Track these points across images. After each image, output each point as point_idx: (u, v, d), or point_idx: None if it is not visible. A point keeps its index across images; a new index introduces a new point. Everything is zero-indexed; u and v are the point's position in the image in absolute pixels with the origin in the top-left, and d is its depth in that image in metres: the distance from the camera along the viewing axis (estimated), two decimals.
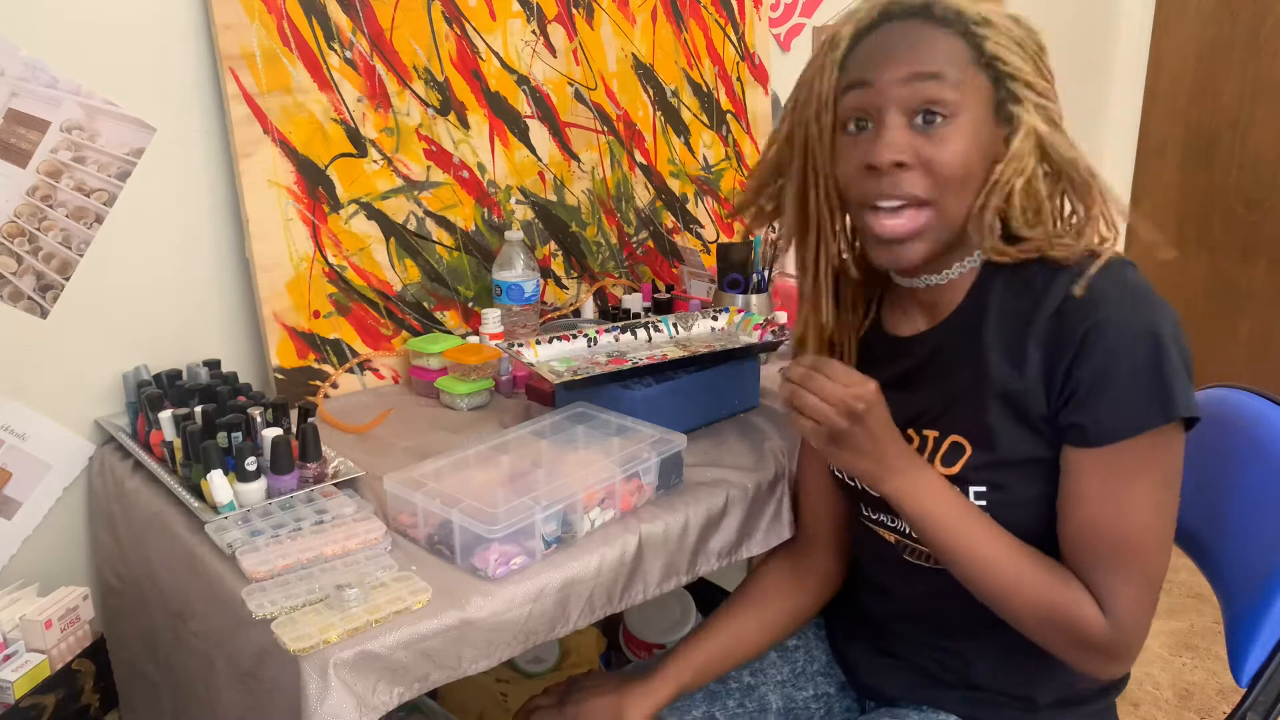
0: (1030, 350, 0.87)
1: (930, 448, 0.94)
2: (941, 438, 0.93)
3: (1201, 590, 2.27)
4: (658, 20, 1.72)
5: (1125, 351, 0.82)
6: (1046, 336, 0.86)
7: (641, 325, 1.37)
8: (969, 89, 0.84)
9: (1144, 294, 0.84)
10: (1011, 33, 0.85)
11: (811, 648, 1.15)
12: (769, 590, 1.11)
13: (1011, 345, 0.88)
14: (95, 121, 1.24)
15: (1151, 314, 0.83)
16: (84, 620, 1.16)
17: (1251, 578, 1.02)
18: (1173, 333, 0.83)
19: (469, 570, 0.94)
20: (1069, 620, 0.86)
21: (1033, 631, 0.89)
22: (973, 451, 0.91)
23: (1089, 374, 0.83)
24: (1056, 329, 0.85)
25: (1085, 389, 0.83)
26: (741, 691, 1.09)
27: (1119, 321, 0.82)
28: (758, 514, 1.13)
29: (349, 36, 1.40)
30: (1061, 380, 0.85)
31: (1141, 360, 0.81)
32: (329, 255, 1.41)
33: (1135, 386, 0.82)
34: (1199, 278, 2.75)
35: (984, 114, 0.85)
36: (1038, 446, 0.88)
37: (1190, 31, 2.65)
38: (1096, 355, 0.82)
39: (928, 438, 0.95)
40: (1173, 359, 0.82)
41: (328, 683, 0.80)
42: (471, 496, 0.95)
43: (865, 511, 1.02)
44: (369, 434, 1.28)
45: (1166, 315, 0.83)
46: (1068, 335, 0.84)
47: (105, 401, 1.32)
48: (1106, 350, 0.82)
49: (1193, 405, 0.83)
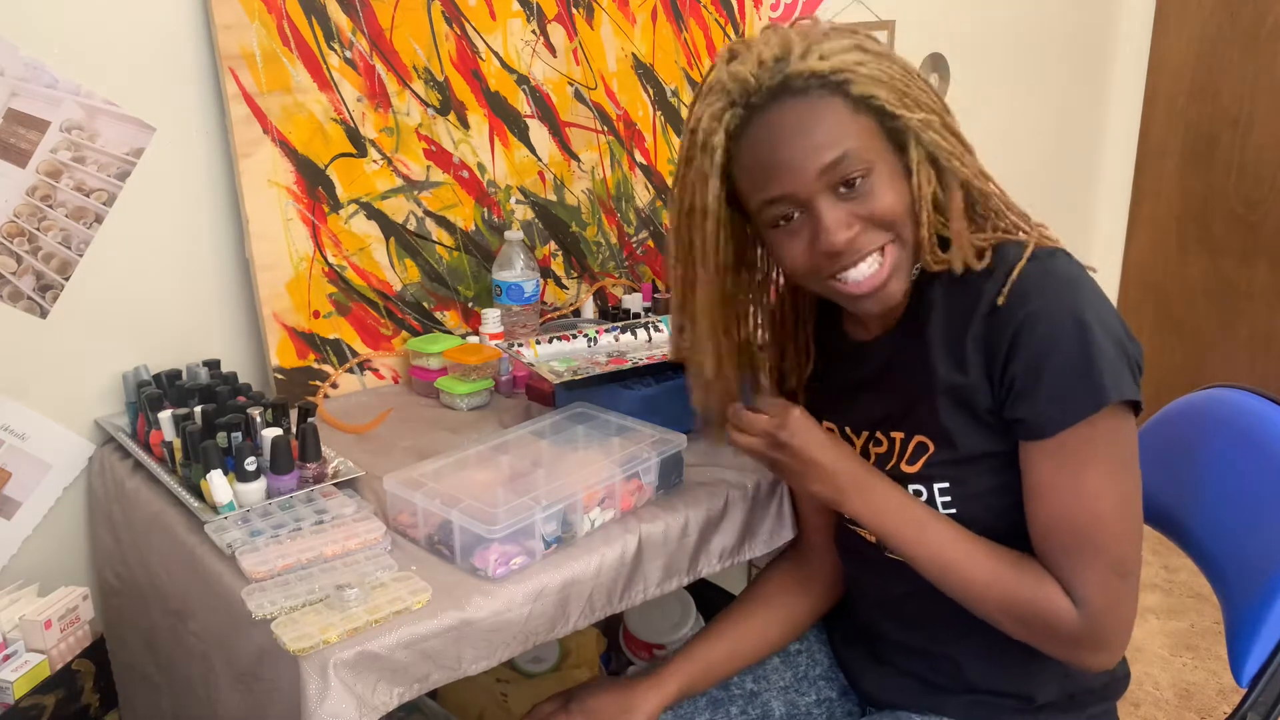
0: (970, 349, 0.89)
1: (897, 449, 0.96)
2: (907, 439, 0.95)
3: (1202, 590, 2.27)
4: (658, 20, 1.72)
5: (1054, 342, 0.83)
6: (984, 334, 0.88)
7: (641, 325, 1.37)
8: (866, 139, 0.85)
9: (1069, 282, 0.85)
10: (864, 68, 0.85)
11: (814, 652, 1.15)
12: (773, 594, 1.12)
13: (954, 345, 0.90)
14: (95, 121, 1.24)
15: (1076, 301, 0.84)
16: (84, 620, 1.16)
17: (1252, 578, 1.02)
18: (1100, 318, 0.83)
19: (469, 570, 0.94)
20: (1040, 614, 0.87)
21: (1009, 628, 0.90)
22: (934, 449, 0.93)
23: (1023, 368, 0.84)
24: (992, 327, 0.87)
25: (1021, 383, 0.85)
26: (745, 698, 1.09)
27: (1045, 313, 0.84)
28: (759, 514, 1.13)
29: (349, 36, 1.39)
30: (1000, 375, 0.86)
31: (1070, 349, 0.83)
32: (329, 255, 1.41)
33: (1066, 376, 0.83)
34: (1199, 278, 2.74)
35: (885, 147, 0.86)
36: (991, 441, 0.90)
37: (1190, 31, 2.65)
38: (1029, 349, 0.84)
39: (895, 439, 0.96)
40: (1101, 344, 0.82)
41: (327, 683, 0.80)
42: (471, 496, 0.95)
43: (845, 518, 1.03)
44: (369, 434, 1.28)
45: (1092, 301, 0.84)
46: (1002, 331, 0.86)
47: (105, 401, 1.32)
48: (1037, 342, 0.84)
49: (1125, 388, 0.83)
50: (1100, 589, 0.85)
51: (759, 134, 0.85)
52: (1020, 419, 0.86)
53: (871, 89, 0.84)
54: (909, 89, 0.86)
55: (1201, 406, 1.16)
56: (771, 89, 0.85)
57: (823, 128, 0.84)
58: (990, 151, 0.99)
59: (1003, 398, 0.87)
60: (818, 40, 0.85)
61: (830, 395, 1.04)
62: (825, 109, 0.84)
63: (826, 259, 0.87)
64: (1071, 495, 0.85)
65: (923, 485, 0.93)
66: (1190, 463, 1.14)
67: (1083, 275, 0.86)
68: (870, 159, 0.85)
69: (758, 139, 0.86)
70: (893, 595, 1.03)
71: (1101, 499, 0.85)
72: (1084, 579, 0.85)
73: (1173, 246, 2.80)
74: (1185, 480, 1.14)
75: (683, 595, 1.72)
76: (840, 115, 0.84)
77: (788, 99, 0.84)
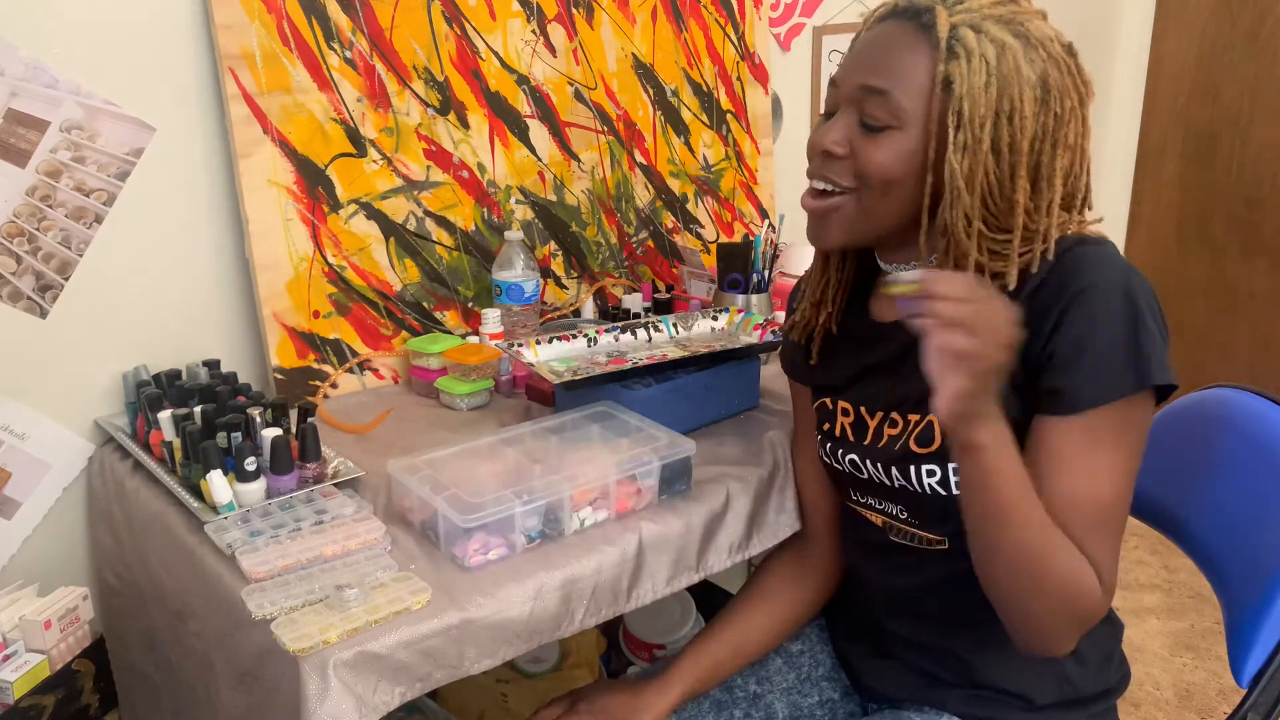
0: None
1: (910, 428, 0.96)
2: (921, 419, 0.95)
3: (1202, 590, 2.27)
4: (658, 20, 1.72)
5: (1104, 318, 0.83)
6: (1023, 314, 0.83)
7: (641, 325, 1.37)
8: (919, 106, 0.85)
9: (1123, 265, 0.85)
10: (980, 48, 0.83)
11: (816, 652, 1.15)
12: (773, 587, 1.13)
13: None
14: (95, 121, 1.24)
15: (1130, 282, 0.84)
16: (84, 620, 1.16)
17: (1252, 578, 1.02)
18: (1149, 302, 0.84)
19: (449, 558, 0.95)
20: (1080, 592, 0.84)
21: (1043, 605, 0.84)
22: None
23: (1069, 339, 0.84)
24: (1035, 304, 0.86)
25: (1064, 354, 0.84)
26: (748, 700, 1.09)
27: (1100, 289, 0.83)
28: (763, 506, 1.13)
29: (349, 36, 1.39)
30: (1041, 346, 0.85)
31: (1120, 327, 0.83)
32: (329, 255, 1.41)
33: (1113, 353, 0.83)
34: (1199, 278, 2.74)
35: (939, 128, 0.86)
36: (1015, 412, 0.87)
37: (1190, 31, 2.65)
38: (1078, 322, 0.83)
39: (910, 420, 0.96)
40: (1149, 327, 0.83)
41: (327, 683, 0.80)
42: (462, 487, 0.96)
43: (854, 495, 1.04)
44: (369, 434, 1.28)
45: (1144, 285, 0.85)
46: (1050, 304, 0.85)
47: (105, 401, 1.32)
48: (1087, 317, 0.83)
49: (1168, 373, 0.83)
50: (1112, 564, 0.86)
51: (865, 36, 0.91)
52: (1056, 389, 0.84)
53: (960, 76, 0.83)
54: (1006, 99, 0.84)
55: (1201, 406, 1.16)
56: (904, 8, 0.88)
57: (893, 60, 0.87)
58: None
59: (1037, 368, 0.86)
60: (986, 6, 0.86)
61: (846, 376, 1.03)
62: (910, 49, 0.86)
63: (813, 155, 0.93)
64: (1096, 472, 0.84)
65: (938, 465, 0.93)
66: (1190, 463, 1.14)
67: (1131, 264, 0.86)
68: (905, 119, 0.86)
69: (861, 40, 0.92)
70: (896, 587, 1.03)
71: (1120, 478, 0.85)
72: (1103, 554, 0.85)
73: (1173, 246, 2.80)
74: (1185, 480, 1.14)
75: (683, 595, 1.72)
76: (916, 66, 0.86)
77: (905, 21, 0.88)
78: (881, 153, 0.87)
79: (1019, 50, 0.84)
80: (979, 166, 0.85)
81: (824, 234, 0.94)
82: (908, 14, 0.88)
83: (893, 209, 0.90)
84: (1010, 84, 0.84)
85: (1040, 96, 0.85)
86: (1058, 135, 0.86)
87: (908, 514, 0.99)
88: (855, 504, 1.05)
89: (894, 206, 0.90)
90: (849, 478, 1.03)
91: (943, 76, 0.85)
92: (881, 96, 0.86)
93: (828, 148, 0.90)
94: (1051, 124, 0.86)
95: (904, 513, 0.99)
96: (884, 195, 0.89)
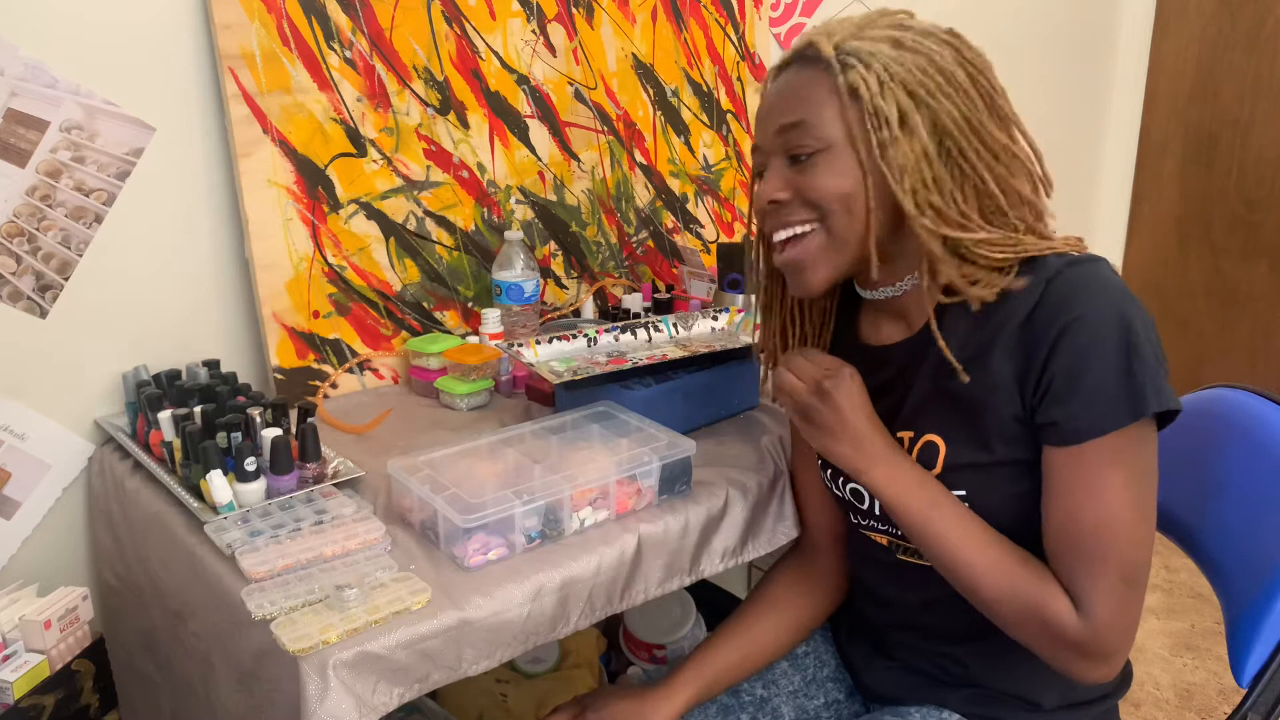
0: (999, 357, 0.88)
1: (905, 449, 0.95)
2: (916, 438, 0.95)
3: (1202, 590, 2.27)
4: (658, 20, 1.72)
5: (1097, 348, 0.82)
6: (1018, 342, 0.87)
7: (641, 325, 1.37)
8: (836, 122, 0.88)
9: (1115, 291, 0.84)
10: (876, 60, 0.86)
11: (820, 654, 1.15)
12: (780, 596, 1.13)
13: (982, 351, 0.89)
14: (95, 121, 1.24)
15: (1124, 310, 0.83)
16: (83, 620, 1.16)
17: (1252, 578, 1.02)
18: (1143, 328, 0.83)
19: (449, 558, 0.95)
20: (1040, 613, 0.85)
21: (1009, 624, 0.89)
22: (947, 452, 0.92)
23: (1062, 371, 0.83)
24: (1029, 333, 0.86)
25: (1058, 386, 0.84)
26: (755, 705, 1.10)
27: (1092, 318, 0.83)
28: (761, 513, 1.13)
29: (349, 36, 1.39)
30: (1036, 379, 0.85)
31: (1113, 357, 0.82)
32: (329, 255, 1.41)
33: (1106, 384, 0.82)
34: (1199, 278, 2.74)
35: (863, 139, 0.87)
36: (1013, 449, 0.89)
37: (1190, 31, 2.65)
38: (1070, 352, 0.83)
39: (903, 439, 0.96)
40: (1145, 355, 0.82)
41: (327, 683, 0.80)
42: (461, 486, 0.96)
43: (856, 520, 1.04)
44: (369, 434, 1.28)
45: (1138, 311, 0.84)
46: (1041, 335, 0.85)
47: (105, 401, 1.32)
48: (1080, 347, 0.83)
49: (1165, 399, 0.83)
50: (1106, 596, 0.84)
51: (768, 90, 0.96)
52: (1053, 422, 0.84)
53: (860, 81, 0.86)
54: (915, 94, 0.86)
55: (1202, 406, 1.16)
56: (791, 56, 0.93)
57: (797, 96, 0.90)
58: None
59: (1035, 402, 0.86)
60: (858, 26, 0.90)
61: None
62: (810, 82, 0.90)
63: (761, 214, 0.95)
64: (1087, 502, 0.84)
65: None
66: (1190, 463, 1.14)
67: (1125, 285, 0.85)
68: (829, 140, 0.88)
69: (765, 93, 0.96)
70: (902, 602, 1.03)
71: (1118, 509, 0.84)
72: (1092, 585, 0.84)
73: (1173, 246, 2.80)
74: (1185, 480, 1.13)
75: (682, 595, 1.72)
76: (819, 91, 0.89)
77: (793, 66, 0.93)
78: (820, 175, 0.89)
79: (905, 42, 0.88)
80: (913, 159, 0.86)
81: (806, 278, 0.93)
82: (793, 61, 0.93)
83: (859, 230, 0.89)
84: (909, 72, 0.87)
85: (940, 76, 0.87)
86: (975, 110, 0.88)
87: None
88: (860, 527, 1.04)
89: (860, 227, 0.89)
90: (848, 506, 1.03)
91: (846, 87, 0.87)
92: (799, 128, 0.89)
93: (773, 197, 0.92)
94: (963, 102, 0.87)
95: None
96: (847, 214, 0.89)
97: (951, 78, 0.87)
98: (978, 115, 0.88)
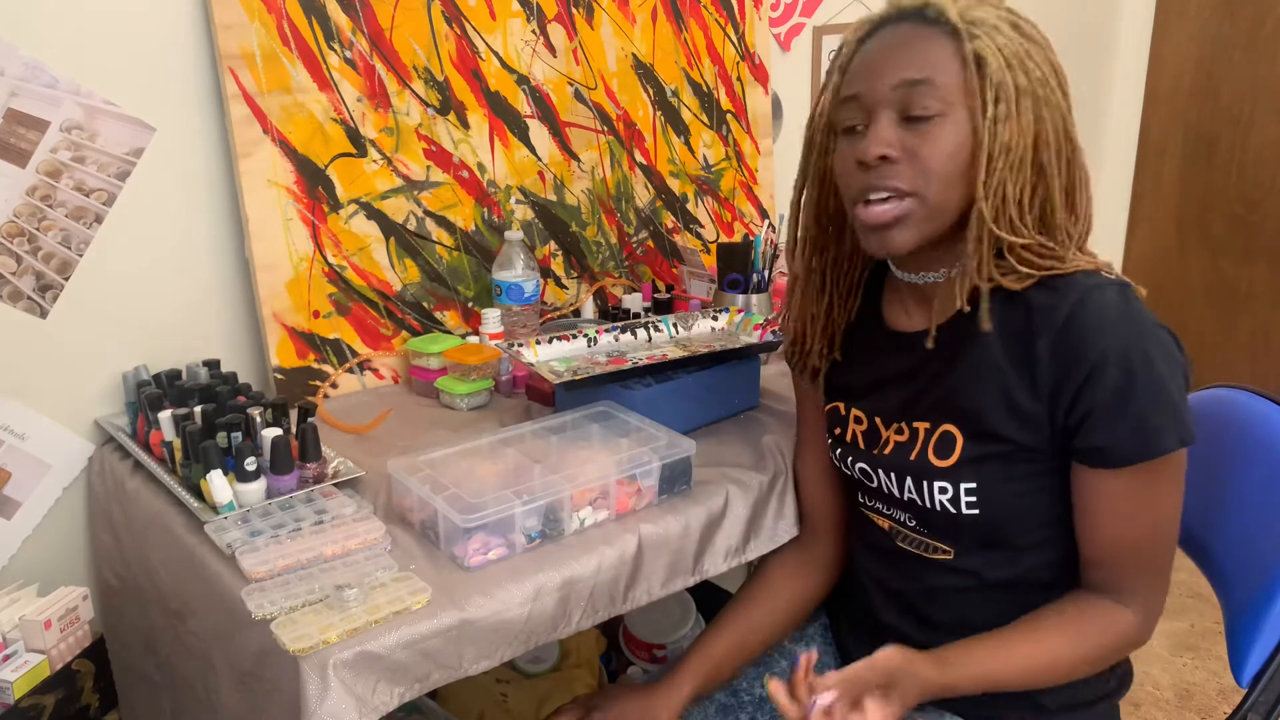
0: (1040, 355, 0.88)
1: (921, 439, 0.96)
2: (933, 429, 0.95)
3: (1202, 590, 2.26)
4: (658, 20, 1.72)
5: (1143, 378, 0.84)
6: (1055, 347, 0.87)
7: (641, 325, 1.37)
8: (959, 89, 0.85)
9: (1147, 321, 0.86)
10: (999, 36, 0.85)
11: (820, 653, 1.15)
12: (775, 582, 1.13)
13: (1017, 347, 0.89)
14: (95, 121, 1.24)
15: (1158, 341, 0.86)
16: (84, 620, 1.16)
17: (1252, 578, 1.02)
18: (1176, 357, 0.87)
19: (449, 558, 0.95)
20: (1111, 642, 0.93)
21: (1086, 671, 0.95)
22: (964, 444, 0.92)
23: (1103, 400, 0.85)
24: (1065, 345, 0.86)
25: (1100, 414, 0.86)
26: (754, 705, 1.10)
27: (1129, 350, 0.84)
28: (761, 512, 1.13)
29: (349, 36, 1.39)
30: (1070, 401, 0.87)
31: (1158, 386, 0.84)
32: (329, 255, 1.41)
33: (1152, 412, 0.85)
34: (1199, 278, 2.74)
35: (976, 112, 0.86)
36: (1027, 438, 0.90)
37: (1190, 31, 2.65)
38: (1109, 382, 0.84)
39: (918, 429, 0.96)
40: (1180, 383, 0.86)
41: (327, 683, 0.80)
42: (461, 486, 0.96)
43: (861, 498, 1.05)
44: (369, 434, 1.28)
45: (1168, 340, 0.87)
46: (1076, 357, 0.86)
47: (105, 401, 1.32)
48: (1120, 378, 0.84)
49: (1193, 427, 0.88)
50: (1154, 591, 0.92)
51: (872, 42, 0.89)
52: (1097, 447, 0.87)
53: (989, 52, 0.84)
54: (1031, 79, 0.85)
55: (1201, 406, 1.16)
56: (905, 11, 0.88)
57: (922, 52, 0.86)
58: None
59: (1072, 424, 0.87)
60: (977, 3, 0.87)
61: (860, 383, 1.03)
62: (936, 42, 0.86)
63: (860, 171, 0.88)
64: (1142, 520, 0.90)
65: (949, 483, 0.93)
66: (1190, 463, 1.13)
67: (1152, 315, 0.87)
68: (950, 106, 0.85)
69: (870, 47, 0.89)
70: (900, 591, 1.03)
71: (1165, 522, 0.91)
72: (1145, 585, 0.92)
73: (1173, 246, 2.80)
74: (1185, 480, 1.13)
75: (682, 595, 1.72)
76: (945, 54, 0.85)
77: (910, 22, 0.87)
78: (939, 144, 0.85)
79: (1022, 28, 0.87)
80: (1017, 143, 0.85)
81: (893, 235, 0.89)
82: (909, 16, 0.88)
83: (952, 207, 0.88)
84: (1029, 57, 0.86)
85: (1050, 70, 0.87)
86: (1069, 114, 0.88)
87: (916, 522, 0.99)
88: (864, 506, 1.05)
89: (954, 204, 0.88)
90: (857, 484, 1.04)
91: (973, 54, 0.84)
92: (926, 85, 0.85)
93: (882, 153, 0.86)
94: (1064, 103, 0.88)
95: (912, 520, 0.99)
96: (947, 189, 0.87)
97: (1058, 74, 0.88)
98: (1070, 119, 0.88)
